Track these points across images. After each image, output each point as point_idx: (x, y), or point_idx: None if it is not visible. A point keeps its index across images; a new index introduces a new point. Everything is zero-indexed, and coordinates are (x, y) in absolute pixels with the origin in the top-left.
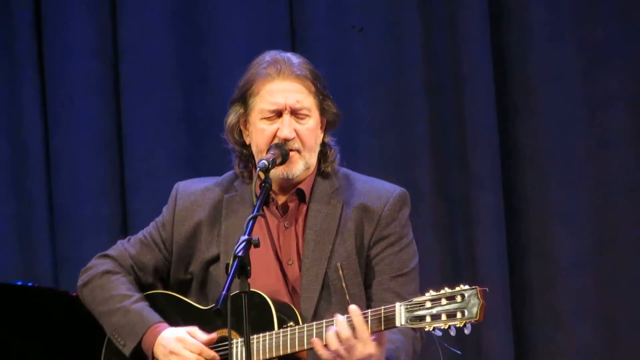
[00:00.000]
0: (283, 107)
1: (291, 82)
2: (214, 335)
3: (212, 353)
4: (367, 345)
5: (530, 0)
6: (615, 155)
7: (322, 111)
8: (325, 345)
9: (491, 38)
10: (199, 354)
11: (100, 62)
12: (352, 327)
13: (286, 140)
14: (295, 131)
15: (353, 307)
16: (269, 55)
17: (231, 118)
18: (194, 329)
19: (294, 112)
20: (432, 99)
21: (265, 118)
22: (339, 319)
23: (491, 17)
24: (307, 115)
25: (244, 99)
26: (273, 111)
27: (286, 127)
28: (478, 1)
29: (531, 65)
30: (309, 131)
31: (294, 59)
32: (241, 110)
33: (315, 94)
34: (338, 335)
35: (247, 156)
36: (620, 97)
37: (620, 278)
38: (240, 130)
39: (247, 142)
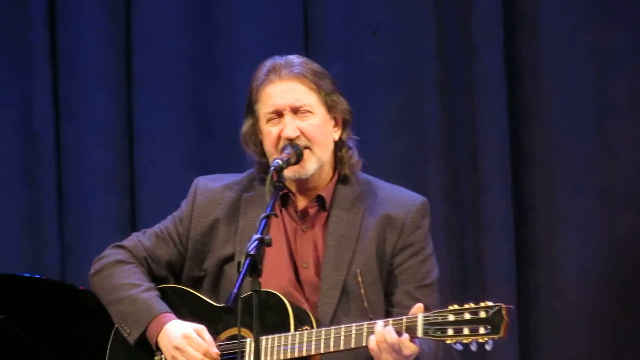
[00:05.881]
0: (282, 107)
1: (289, 81)
2: (216, 351)
3: (216, 355)
4: (410, 346)
5: (542, 6)
6: (624, 163)
7: (329, 108)
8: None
9: (504, 42)
10: (204, 354)
11: (113, 54)
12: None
13: (291, 140)
14: (299, 129)
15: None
16: (268, 62)
17: (244, 129)
18: (202, 328)
19: (295, 111)
20: (444, 103)
21: (269, 121)
22: (380, 328)
23: (504, 22)
24: (309, 112)
25: (251, 109)
26: (273, 112)
27: (288, 126)
28: (491, 6)
29: (542, 70)
30: (313, 127)
31: (294, 59)
32: (251, 121)
33: (317, 91)
34: (385, 340)
35: (265, 165)
36: (631, 105)
37: (627, 286)
38: (258, 140)
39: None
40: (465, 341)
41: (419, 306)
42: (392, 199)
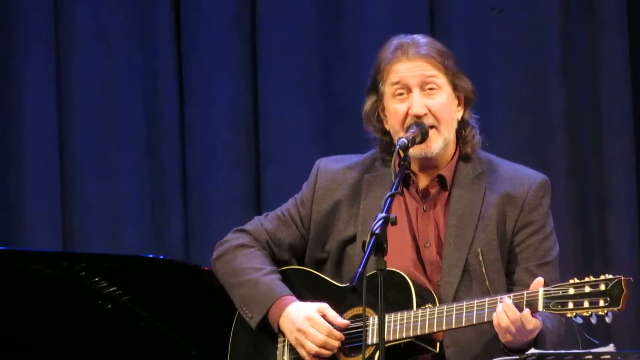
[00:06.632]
0: (410, 83)
1: (417, 61)
2: (346, 322)
3: (340, 335)
4: (532, 320)
5: None
6: None
7: (455, 87)
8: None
9: (628, 21)
10: (327, 335)
11: (238, 34)
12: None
13: (419, 117)
14: (427, 107)
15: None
16: (395, 40)
17: (366, 106)
18: (325, 307)
19: (423, 87)
20: (569, 82)
21: (395, 97)
22: (507, 301)
23: (629, 1)
24: (436, 89)
25: (376, 87)
26: (400, 86)
27: (417, 103)
28: None
29: None
30: (441, 105)
31: (421, 39)
32: (374, 98)
33: (444, 70)
34: (508, 316)
35: (388, 143)
36: None
37: None
38: (380, 118)
39: (387, 129)
40: (585, 314)
41: (539, 280)
42: (513, 177)
